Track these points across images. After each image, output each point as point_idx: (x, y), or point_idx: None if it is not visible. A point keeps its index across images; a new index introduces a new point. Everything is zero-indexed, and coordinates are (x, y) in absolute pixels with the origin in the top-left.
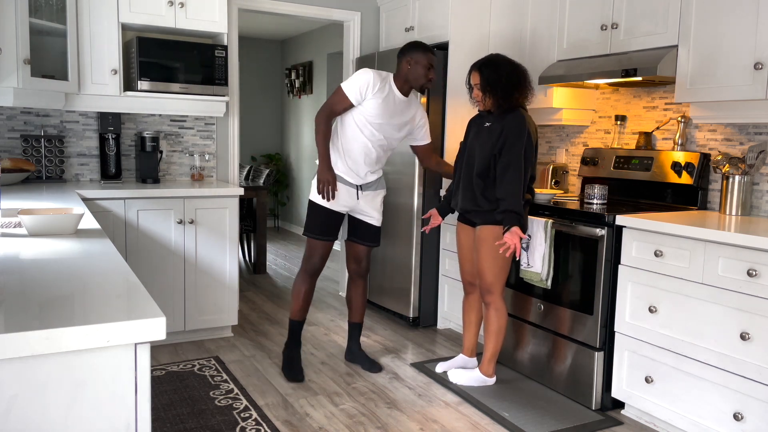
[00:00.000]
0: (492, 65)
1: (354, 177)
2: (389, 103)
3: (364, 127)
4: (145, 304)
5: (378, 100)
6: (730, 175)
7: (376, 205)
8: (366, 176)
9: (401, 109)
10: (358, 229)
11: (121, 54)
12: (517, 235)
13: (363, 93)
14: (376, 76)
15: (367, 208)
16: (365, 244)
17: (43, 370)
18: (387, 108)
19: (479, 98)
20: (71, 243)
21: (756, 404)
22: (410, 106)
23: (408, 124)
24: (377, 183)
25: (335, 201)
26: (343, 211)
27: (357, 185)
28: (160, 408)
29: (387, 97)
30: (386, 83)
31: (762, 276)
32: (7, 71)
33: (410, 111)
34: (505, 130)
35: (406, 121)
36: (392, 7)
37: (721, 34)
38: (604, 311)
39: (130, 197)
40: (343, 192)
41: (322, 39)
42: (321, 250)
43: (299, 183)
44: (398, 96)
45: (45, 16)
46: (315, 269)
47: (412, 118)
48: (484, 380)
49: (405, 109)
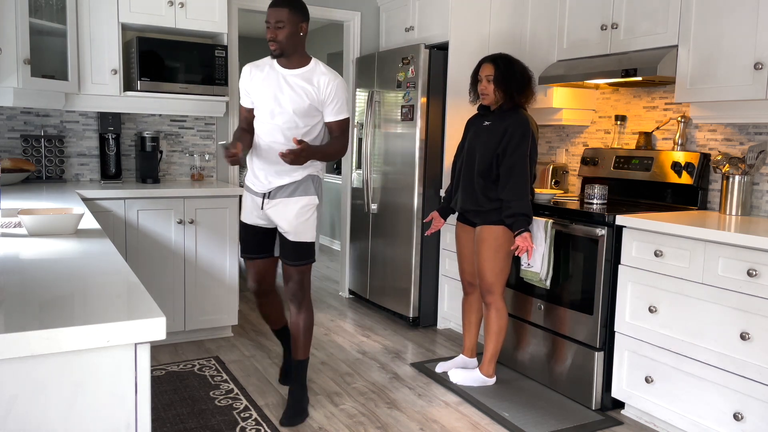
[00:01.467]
0: (507, 60)
1: (257, 184)
2: (270, 82)
3: (258, 118)
4: (145, 304)
5: (256, 87)
6: (730, 175)
7: (287, 215)
8: (270, 180)
9: (290, 83)
10: (281, 243)
11: (121, 54)
12: (528, 238)
13: (246, 89)
14: (247, 66)
15: (278, 219)
16: (285, 261)
17: (43, 370)
18: (269, 86)
19: (487, 91)
20: (71, 243)
21: (756, 404)
22: (308, 76)
23: (303, 97)
24: (291, 189)
25: (246, 212)
26: (258, 224)
27: (262, 193)
28: (160, 408)
29: (266, 77)
30: (263, 65)
31: (762, 276)
32: (7, 71)
33: (309, 82)
34: (510, 130)
35: (300, 94)
36: (392, 7)
37: (721, 34)
38: (604, 311)
39: (130, 197)
40: (249, 202)
41: (322, 39)
42: (249, 270)
43: None
44: (280, 70)
45: (45, 16)
46: (252, 289)
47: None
48: (484, 380)
49: (296, 82)
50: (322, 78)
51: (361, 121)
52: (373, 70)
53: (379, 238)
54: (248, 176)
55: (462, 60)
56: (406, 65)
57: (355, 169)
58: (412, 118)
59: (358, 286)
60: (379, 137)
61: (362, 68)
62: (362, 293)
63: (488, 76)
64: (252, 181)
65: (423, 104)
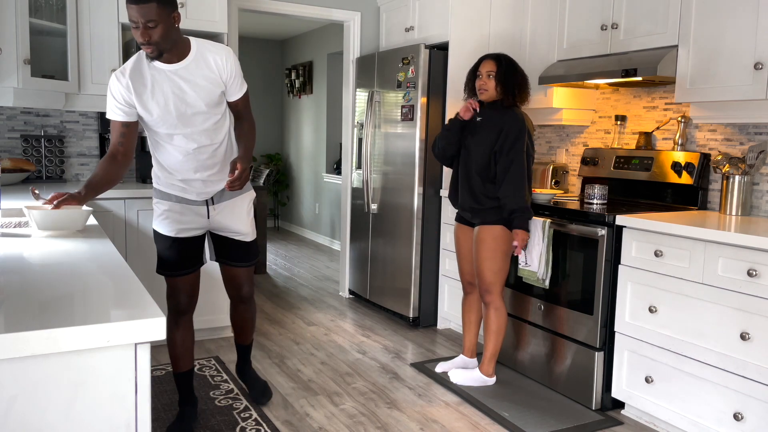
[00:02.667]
0: (509, 59)
1: (192, 192)
2: (164, 87)
3: (160, 128)
4: (145, 304)
5: (147, 99)
6: (730, 175)
7: (240, 216)
8: (207, 185)
9: (187, 78)
10: (226, 248)
11: (121, 54)
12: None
13: (125, 104)
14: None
15: (228, 223)
16: (239, 265)
17: (43, 370)
18: (165, 94)
19: (487, 86)
20: (71, 243)
21: (756, 404)
22: (201, 63)
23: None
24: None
25: (178, 225)
26: (193, 234)
27: (203, 201)
28: (160, 408)
29: (154, 82)
30: (141, 70)
31: (762, 276)
32: (7, 71)
33: (205, 69)
34: (506, 128)
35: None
36: (392, 7)
37: (721, 34)
38: (604, 311)
39: (130, 197)
40: (178, 213)
41: (322, 39)
42: (180, 286)
43: (299, 183)
44: (167, 68)
45: (45, 16)
46: (180, 308)
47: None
48: (484, 380)
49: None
50: (217, 58)
51: (361, 121)
52: (373, 70)
53: (379, 238)
54: (168, 186)
55: (462, 60)
56: (406, 65)
57: (355, 169)
58: (412, 118)
59: (358, 286)
60: (379, 137)
61: (362, 68)
62: (362, 293)
63: (489, 72)
64: (182, 189)
65: (423, 104)
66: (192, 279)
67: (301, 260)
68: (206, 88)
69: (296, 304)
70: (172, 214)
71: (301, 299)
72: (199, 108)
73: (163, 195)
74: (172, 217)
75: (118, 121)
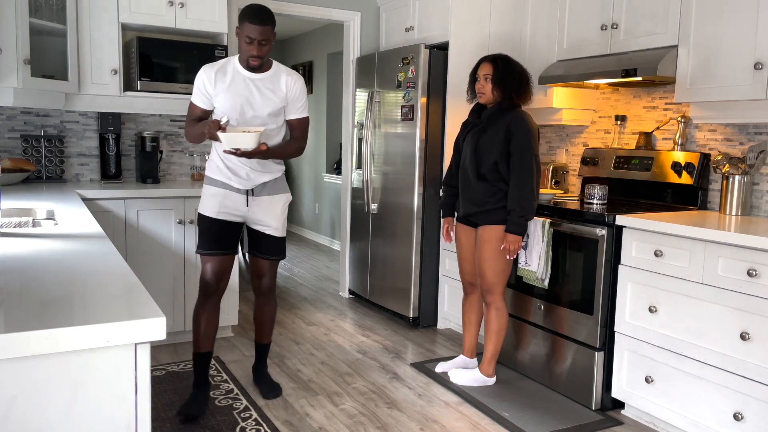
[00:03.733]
0: (506, 60)
1: (237, 180)
2: (239, 88)
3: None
4: (145, 304)
5: (222, 92)
6: (730, 175)
7: (274, 212)
8: (250, 177)
9: (259, 87)
10: (257, 240)
11: (121, 54)
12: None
13: (206, 93)
14: (208, 70)
15: (262, 216)
16: (266, 257)
17: (43, 370)
18: (238, 93)
19: (484, 90)
20: (71, 243)
21: (756, 404)
22: (275, 79)
23: (274, 99)
24: (273, 186)
25: (219, 208)
26: (232, 219)
27: (245, 190)
28: (160, 408)
29: (233, 81)
30: (226, 69)
31: (762, 276)
32: (7, 71)
33: (276, 84)
34: (512, 130)
35: (270, 96)
36: (392, 7)
37: (721, 34)
38: (604, 311)
39: (130, 197)
40: (222, 196)
41: (322, 39)
42: (210, 266)
43: (300, 183)
44: (247, 75)
45: (45, 16)
46: (208, 288)
47: (278, 91)
48: (484, 380)
49: (265, 86)
50: (289, 79)
51: (361, 121)
52: (373, 70)
53: (379, 238)
54: (218, 173)
55: (462, 60)
56: (406, 65)
57: (355, 169)
58: (412, 118)
59: (358, 286)
60: (379, 137)
61: (362, 68)
62: (362, 293)
63: (486, 75)
64: (228, 177)
65: (423, 104)
66: (222, 261)
67: (301, 260)
68: (272, 99)
69: (296, 304)
70: (216, 197)
71: (301, 299)
72: (260, 113)
73: (211, 181)
74: (216, 200)
75: (198, 106)
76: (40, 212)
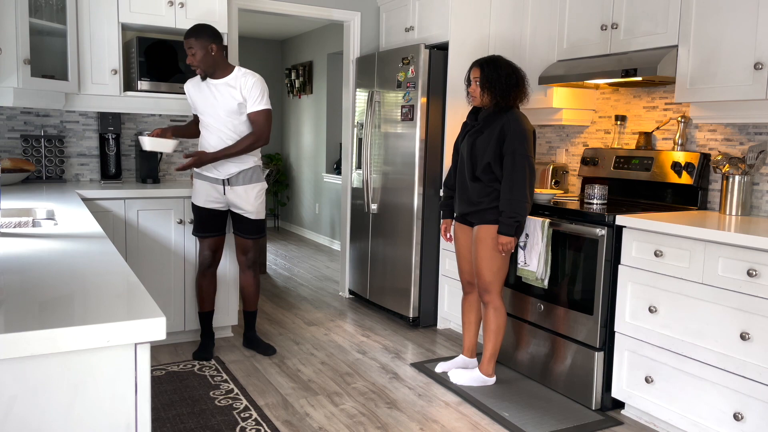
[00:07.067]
0: (493, 64)
1: (212, 171)
2: (205, 93)
3: (204, 121)
4: (145, 304)
5: (196, 98)
6: (730, 175)
7: (249, 199)
8: (223, 169)
9: (220, 90)
10: (238, 222)
11: (121, 54)
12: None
13: (190, 100)
14: (189, 82)
15: (239, 201)
16: (246, 237)
17: (42, 370)
18: (205, 98)
19: (475, 93)
20: (71, 243)
21: (756, 404)
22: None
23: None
24: (246, 176)
25: (206, 197)
26: (217, 207)
27: (221, 179)
28: (160, 408)
29: (201, 89)
30: (199, 82)
31: (762, 276)
32: (7, 71)
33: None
34: (506, 130)
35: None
36: (392, 7)
37: (721, 34)
38: (604, 311)
39: (130, 197)
40: (205, 188)
41: (322, 39)
42: (206, 244)
43: (299, 183)
44: (210, 81)
45: (45, 16)
46: (205, 261)
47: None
48: (484, 380)
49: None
50: (242, 79)
51: (361, 121)
52: (373, 70)
53: (379, 238)
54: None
55: (462, 60)
56: (406, 65)
57: (355, 169)
58: (412, 118)
59: (358, 286)
60: (379, 137)
61: (362, 68)
62: (362, 293)
63: (476, 78)
64: (207, 169)
65: (423, 104)
66: (214, 241)
67: (301, 260)
68: (228, 99)
69: (296, 304)
70: (201, 189)
71: (301, 299)
72: (219, 112)
73: (197, 175)
74: (201, 191)
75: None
76: (40, 212)
